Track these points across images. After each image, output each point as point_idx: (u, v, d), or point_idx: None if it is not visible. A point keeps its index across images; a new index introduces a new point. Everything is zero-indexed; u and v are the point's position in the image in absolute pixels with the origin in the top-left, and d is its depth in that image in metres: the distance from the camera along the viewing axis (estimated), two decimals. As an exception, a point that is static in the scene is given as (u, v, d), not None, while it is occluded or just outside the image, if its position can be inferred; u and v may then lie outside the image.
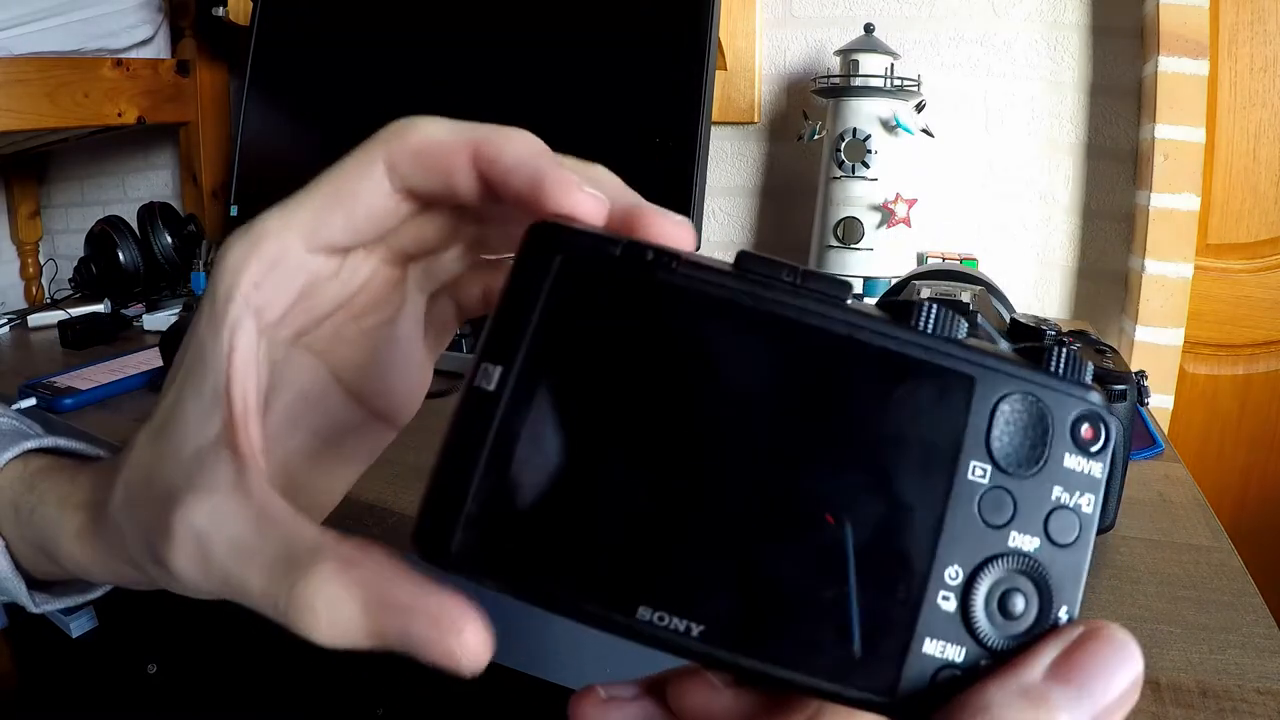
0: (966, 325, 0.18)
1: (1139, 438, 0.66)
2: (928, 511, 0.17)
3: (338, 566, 0.17)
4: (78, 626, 0.98)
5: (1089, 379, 0.18)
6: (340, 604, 0.17)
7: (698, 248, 0.20)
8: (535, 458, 0.17)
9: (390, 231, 0.22)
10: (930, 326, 0.17)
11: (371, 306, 0.24)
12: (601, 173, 0.22)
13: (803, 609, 0.17)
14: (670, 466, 0.17)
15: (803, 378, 0.17)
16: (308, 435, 0.25)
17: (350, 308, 0.24)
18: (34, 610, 0.30)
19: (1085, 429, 0.17)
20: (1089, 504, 0.17)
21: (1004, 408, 0.17)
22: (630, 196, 0.21)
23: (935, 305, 0.17)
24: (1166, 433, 0.98)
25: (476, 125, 0.20)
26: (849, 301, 0.17)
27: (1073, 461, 0.17)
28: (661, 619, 0.17)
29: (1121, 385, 0.48)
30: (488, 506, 0.17)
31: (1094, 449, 0.17)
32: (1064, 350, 0.18)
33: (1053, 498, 0.17)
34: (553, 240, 0.18)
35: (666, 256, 0.17)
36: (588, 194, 0.19)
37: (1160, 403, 1.09)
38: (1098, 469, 0.17)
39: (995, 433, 0.17)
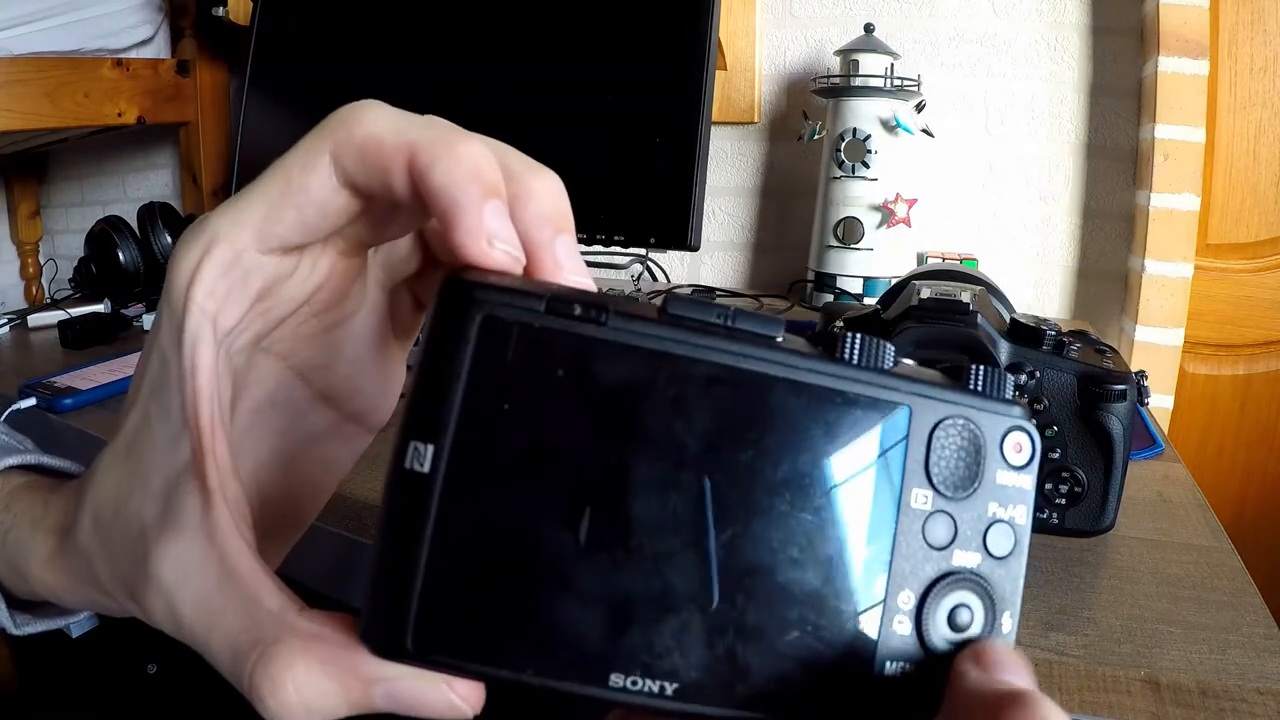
0: (892, 350, 0.18)
1: (1139, 438, 0.66)
2: (879, 545, 0.17)
3: (301, 644, 0.17)
4: (78, 626, 0.98)
5: (1010, 394, 0.18)
6: (312, 683, 0.17)
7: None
8: (480, 537, 0.16)
9: (345, 225, 0.21)
10: (857, 358, 0.17)
11: (331, 303, 0.23)
12: (539, 192, 0.20)
13: (768, 655, 0.17)
14: (622, 529, 0.16)
15: (744, 425, 0.17)
16: (278, 442, 0.24)
17: (310, 306, 0.23)
18: (15, 632, 0.29)
19: (1013, 445, 0.18)
20: (1022, 515, 0.18)
21: (940, 434, 0.18)
22: (550, 231, 0.20)
23: (859, 337, 0.17)
24: (1166, 433, 0.98)
25: (428, 124, 0.19)
26: (780, 339, 0.17)
27: (1005, 477, 0.18)
28: (635, 684, 0.16)
29: (1121, 385, 0.48)
30: (438, 596, 0.16)
31: (1022, 463, 0.18)
32: (981, 369, 0.18)
33: (989, 514, 0.18)
34: (469, 299, 0.16)
35: (594, 309, 0.17)
36: (498, 252, 0.18)
37: (1160, 403, 1.09)
38: (1028, 481, 0.18)
39: (934, 459, 0.18)
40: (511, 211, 0.19)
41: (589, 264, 1.14)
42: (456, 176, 0.18)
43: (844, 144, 1.10)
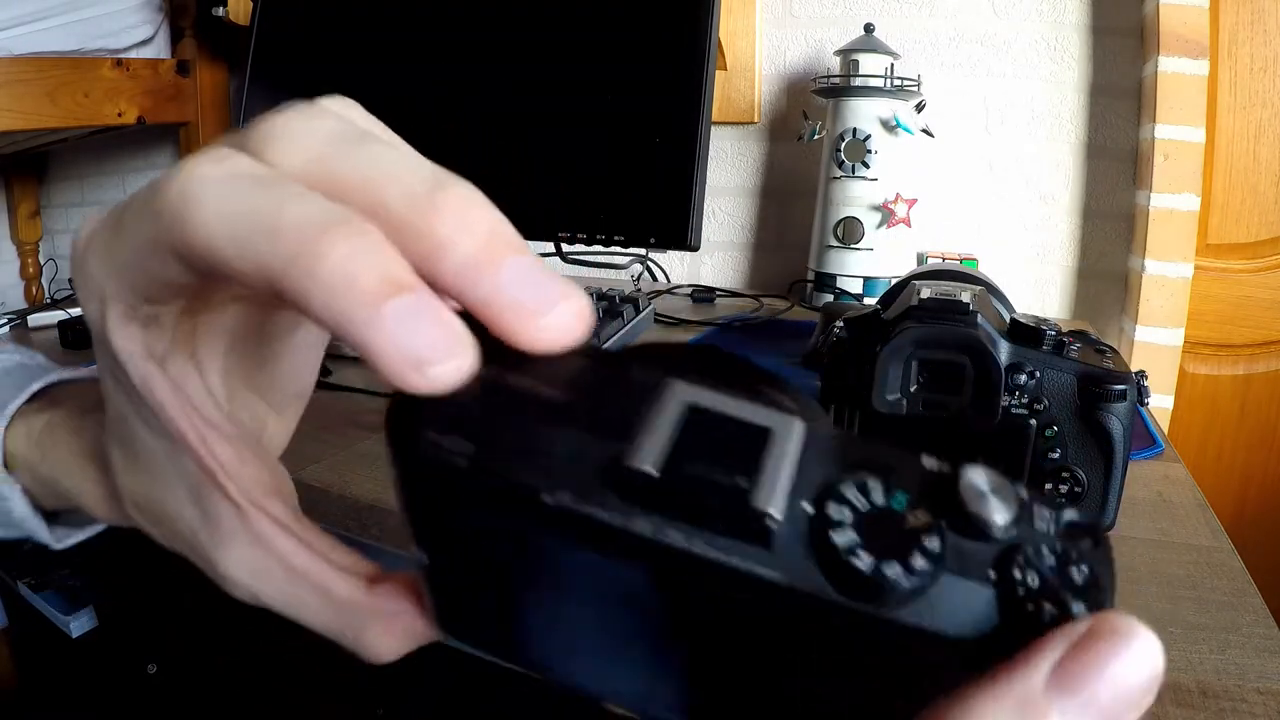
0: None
1: (1139, 438, 0.66)
2: None
3: (384, 628, 0.20)
4: (78, 626, 0.98)
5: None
6: (401, 646, 0.20)
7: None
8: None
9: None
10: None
11: (235, 309, 0.22)
12: (448, 236, 0.16)
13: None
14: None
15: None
16: (256, 357, 0.23)
17: (214, 315, 0.21)
18: (57, 548, 0.30)
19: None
20: None
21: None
22: (486, 275, 0.16)
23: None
24: (1166, 433, 0.98)
25: (272, 232, 0.15)
26: (774, 522, 0.16)
27: None
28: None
29: (1121, 385, 0.48)
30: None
31: None
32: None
33: None
34: (404, 437, 0.16)
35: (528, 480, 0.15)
36: (426, 379, 0.15)
37: (1160, 403, 1.09)
38: None
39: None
40: (428, 277, 0.16)
41: (589, 264, 1.14)
42: (336, 308, 0.15)
43: (844, 144, 1.10)
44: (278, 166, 0.17)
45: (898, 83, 1.10)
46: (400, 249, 0.15)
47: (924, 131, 1.10)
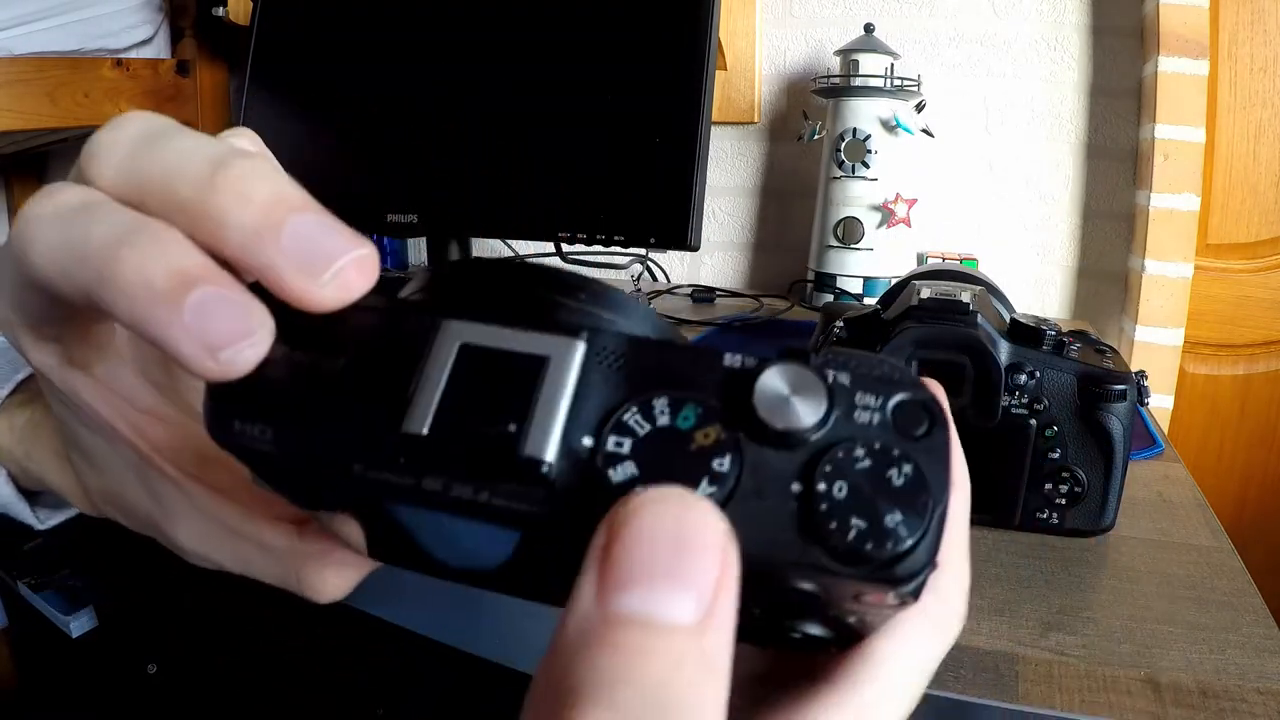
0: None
1: (1139, 438, 0.66)
2: None
3: (318, 565, 0.22)
4: (78, 626, 0.98)
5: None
6: (339, 578, 0.22)
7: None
8: None
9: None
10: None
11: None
12: (223, 205, 0.16)
13: None
14: None
15: None
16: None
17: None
18: (40, 527, 0.31)
19: None
20: None
21: None
22: (267, 242, 0.15)
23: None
24: (1166, 433, 0.98)
25: (85, 258, 0.15)
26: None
27: None
28: None
29: (1121, 385, 0.48)
30: None
31: None
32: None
33: None
34: (218, 422, 0.16)
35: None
36: (223, 364, 0.15)
37: (1160, 403, 1.09)
38: None
39: None
40: (223, 257, 0.16)
41: (589, 264, 1.14)
42: (137, 312, 0.15)
43: (844, 144, 1.10)
44: (93, 182, 0.17)
45: (898, 83, 1.10)
46: (199, 238, 0.16)
47: (924, 131, 1.10)
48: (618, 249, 0.91)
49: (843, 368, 0.14)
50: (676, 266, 1.37)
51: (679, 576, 0.12)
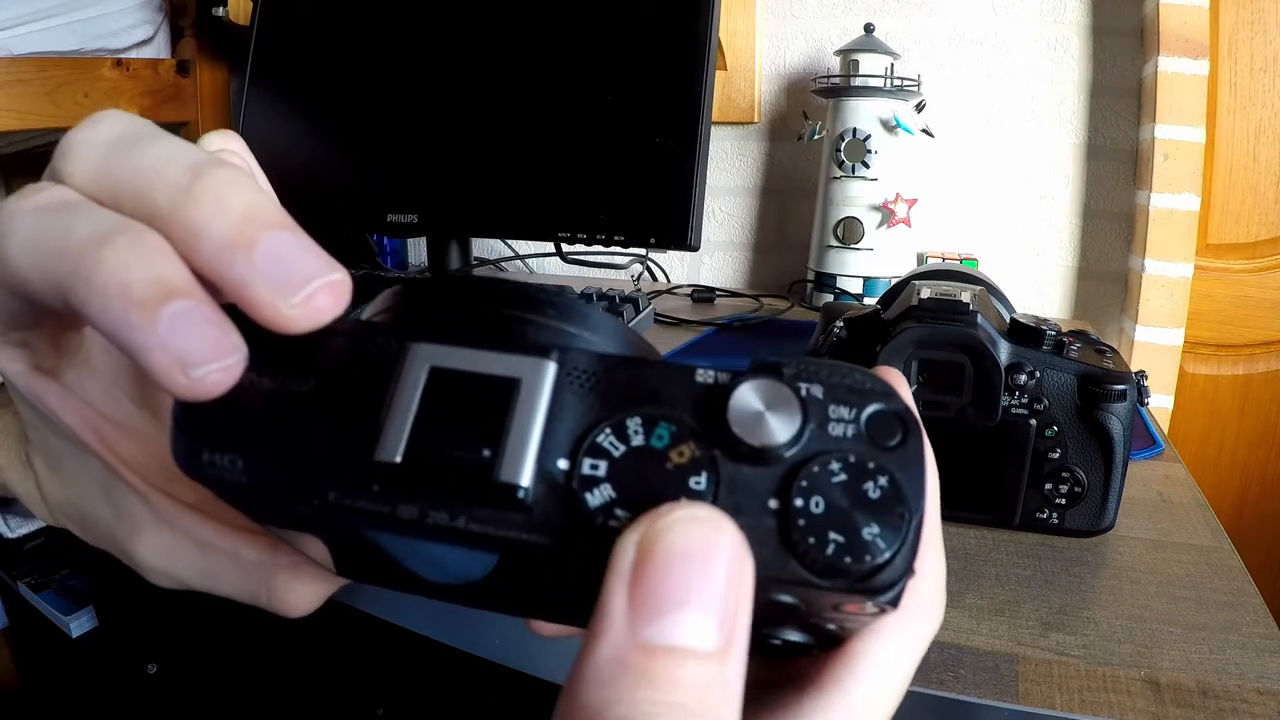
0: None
1: (1139, 438, 0.66)
2: None
3: (289, 578, 0.21)
4: (78, 626, 0.98)
5: None
6: (310, 591, 0.21)
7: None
8: None
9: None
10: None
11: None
12: (198, 217, 0.15)
13: None
14: None
15: None
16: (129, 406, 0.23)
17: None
18: (10, 536, 0.30)
19: None
20: None
21: None
22: (240, 258, 0.15)
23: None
24: (1166, 433, 0.98)
25: (63, 253, 0.15)
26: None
27: None
28: None
29: (1121, 385, 0.48)
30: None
31: None
32: None
33: None
34: (187, 450, 0.16)
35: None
36: (198, 381, 0.15)
37: (1160, 403, 1.09)
38: None
39: None
40: (196, 269, 0.15)
41: (589, 264, 1.14)
42: (110, 315, 0.15)
43: (844, 144, 1.10)
44: (66, 181, 0.17)
45: (898, 83, 1.10)
46: (175, 247, 0.15)
47: (924, 131, 1.10)
48: (618, 249, 0.91)
49: (815, 379, 0.14)
50: (676, 266, 1.37)
51: (707, 605, 0.12)
